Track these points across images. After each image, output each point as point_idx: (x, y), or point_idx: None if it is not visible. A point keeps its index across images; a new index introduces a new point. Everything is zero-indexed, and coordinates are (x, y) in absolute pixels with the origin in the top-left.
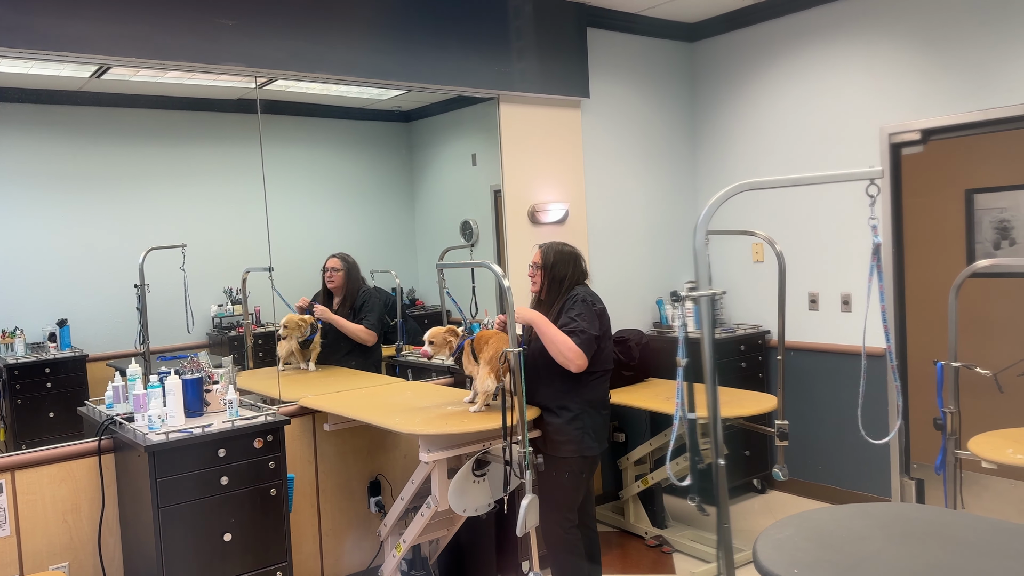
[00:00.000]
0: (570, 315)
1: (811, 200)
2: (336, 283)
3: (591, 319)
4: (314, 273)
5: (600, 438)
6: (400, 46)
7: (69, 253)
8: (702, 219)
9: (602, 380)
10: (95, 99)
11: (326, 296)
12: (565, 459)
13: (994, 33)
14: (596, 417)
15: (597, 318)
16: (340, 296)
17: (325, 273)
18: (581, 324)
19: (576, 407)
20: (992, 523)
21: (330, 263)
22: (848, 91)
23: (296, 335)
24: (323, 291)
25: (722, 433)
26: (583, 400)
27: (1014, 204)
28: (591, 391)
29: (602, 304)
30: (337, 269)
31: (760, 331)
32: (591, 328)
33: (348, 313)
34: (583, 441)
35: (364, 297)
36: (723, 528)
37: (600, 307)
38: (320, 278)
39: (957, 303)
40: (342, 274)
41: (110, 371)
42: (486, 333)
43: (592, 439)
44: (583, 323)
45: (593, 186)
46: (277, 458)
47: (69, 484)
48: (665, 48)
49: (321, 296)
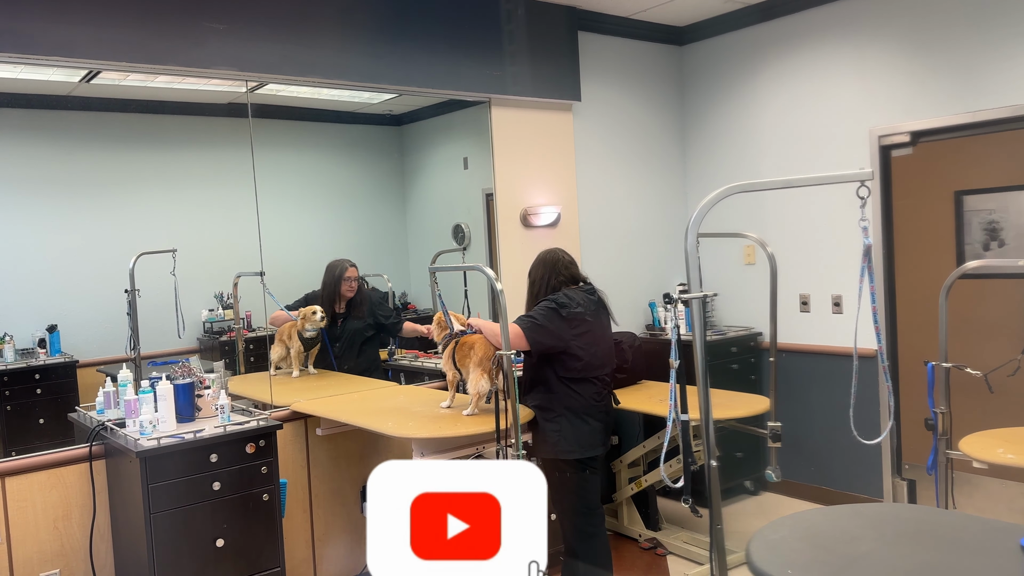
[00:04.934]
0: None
1: (802, 202)
2: (354, 291)
3: (545, 312)
4: (305, 277)
5: (585, 444)
6: (391, 50)
7: (59, 258)
8: (693, 221)
9: (583, 386)
10: (85, 103)
11: (330, 302)
12: (549, 460)
13: (982, 36)
14: (579, 424)
15: (558, 317)
16: (356, 305)
17: (344, 283)
18: (528, 315)
19: (555, 411)
20: (983, 522)
21: (351, 272)
22: (837, 94)
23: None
24: (325, 299)
25: (715, 435)
26: (561, 406)
27: (1003, 205)
28: (569, 398)
29: (580, 308)
30: (356, 278)
31: (752, 333)
32: (538, 315)
33: (366, 316)
34: (558, 445)
35: (374, 296)
36: (716, 529)
37: (576, 310)
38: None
39: (947, 304)
40: (359, 282)
41: (101, 377)
42: (469, 338)
43: (572, 444)
44: (530, 314)
45: (585, 189)
46: (269, 463)
47: (60, 490)
48: (655, 52)
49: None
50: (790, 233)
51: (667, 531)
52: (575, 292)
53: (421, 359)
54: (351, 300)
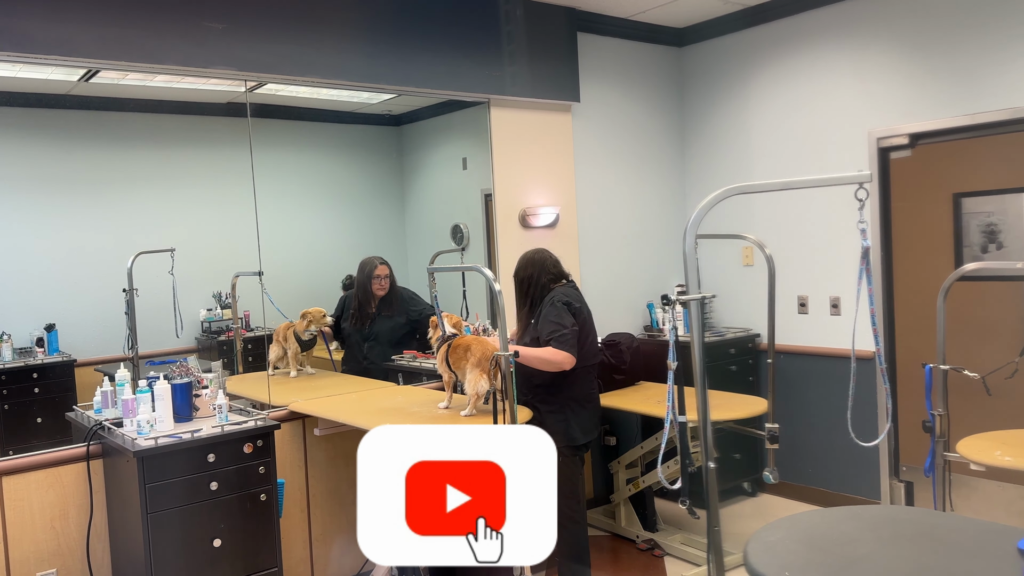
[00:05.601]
0: (545, 322)
1: (800, 204)
2: (386, 289)
3: (563, 316)
4: (303, 277)
5: (586, 430)
6: (390, 50)
7: (57, 257)
8: (692, 222)
9: (583, 376)
10: (84, 102)
11: (362, 305)
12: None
13: (981, 38)
14: (580, 411)
15: (571, 314)
16: (388, 303)
17: (375, 281)
18: (556, 328)
19: (559, 402)
20: (980, 525)
21: (381, 270)
22: (836, 96)
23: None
24: (360, 299)
25: (712, 436)
26: (564, 396)
27: (1001, 208)
28: (571, 387)
29: (579, 304)
30: (387, 275)
31: (750, 334)
32: (566, 324)
33: (397, 313)
34: (568, 433)
35: (404, 293)
36: (713, 531)
37: (576, 306)
38: (301, 281)
39: (945, 306)
40: (390, 279)
41: (98, 376)
42: (464, 340)
43: (577, 431)
44: (557, 325)
45: (584, 190)
46: (267, 463)
47: (57, 490)
48: (655, 53)
49: (354, 305)
50: (788, 235)
51: (664, 532)
52: (568, 289)
53: (419, 359)
54: (383, 298)
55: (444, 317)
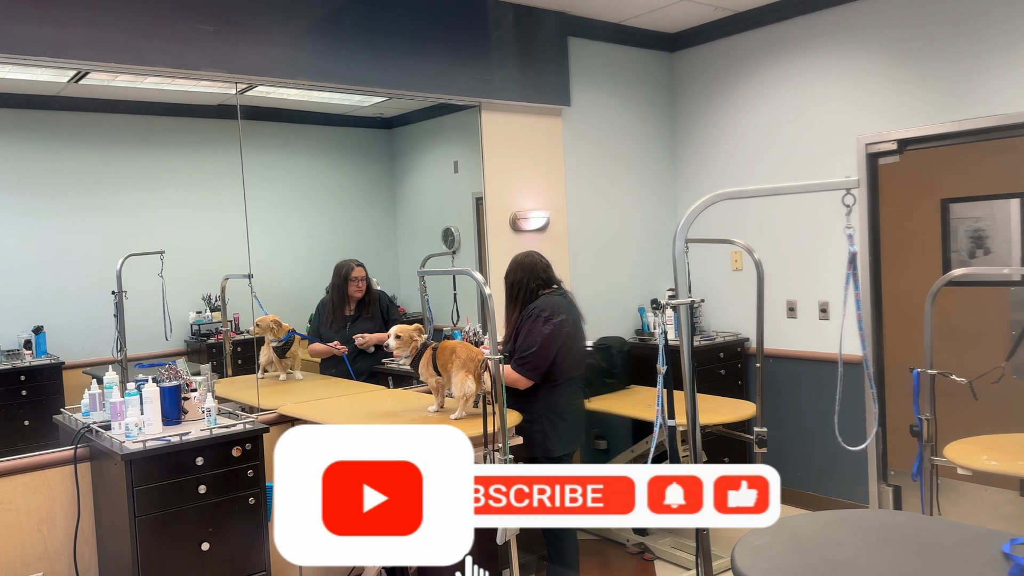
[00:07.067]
0: (520, 336)
1: (789, 209)
2: (363, 291)
3: (534, 334)
4: (293, 280)
5: (565, 442)
6: (381, 53)
7: (46, 259)
8: (681, 227)
9: (564, 387)
10: (73, 104)
11: (337, 308)
12: (533, 459)
13: (969, 45)
14: (558, 422)
15: (550, 332)
16: (366, 305)
17: (351, 283)
18: (523, 347)
19: (536, 412)
20: (967, 529)
21: (358, 272)
22: (826, 102)
23: (271, 338)
24: (335, 302)
25: (701, 440)
26: (542, 408)
27: (989, 213)
28: (548, 399)
29: (561, 316)
30: (364, 277)
31: (739, 339)
32: (533, 343)
33: (376, 317)
34: (544, 444)
35: (383, 299)
36: (702, 535)
37: (557, 320)
38: (290, 284)
39: (933, 311)
40: (367, 282)
41: (87, 379)
42: (449, 343)
43: (555, 442)
44: (524, 344)
45: (574, 194)
46: (256, 467)
47: (44, 493)
48: (645, 58)
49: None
50: (777, 240)
51: (654, 536)
52: (555, 298)
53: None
54: (360, 300)
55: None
